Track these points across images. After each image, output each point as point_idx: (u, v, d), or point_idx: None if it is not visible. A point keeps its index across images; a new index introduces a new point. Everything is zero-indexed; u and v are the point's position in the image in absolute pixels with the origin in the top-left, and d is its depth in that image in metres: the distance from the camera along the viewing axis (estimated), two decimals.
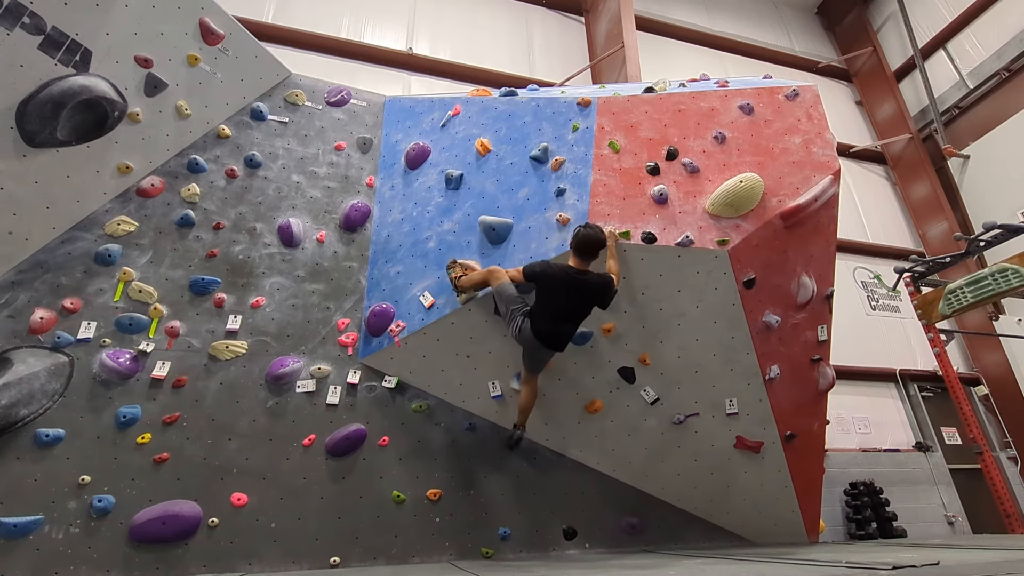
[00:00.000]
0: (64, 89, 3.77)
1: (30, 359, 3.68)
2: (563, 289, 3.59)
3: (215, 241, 4.50)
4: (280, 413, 4.13)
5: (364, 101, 5.55)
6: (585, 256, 3.63)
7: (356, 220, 4.92)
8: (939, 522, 7.04)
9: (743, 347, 4.34)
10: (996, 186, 8.75)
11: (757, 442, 4.52)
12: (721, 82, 5.03)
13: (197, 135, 4.72)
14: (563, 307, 3.63)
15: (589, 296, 3.66)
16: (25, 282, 3.90)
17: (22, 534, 3.36)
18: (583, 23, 9.88)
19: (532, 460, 4.53)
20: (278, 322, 4.40)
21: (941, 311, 6.10)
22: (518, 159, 4.53)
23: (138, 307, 4.10)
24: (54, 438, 3.60)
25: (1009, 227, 5.65)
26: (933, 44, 10.08)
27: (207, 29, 4.62)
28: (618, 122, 4.42)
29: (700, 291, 4.16)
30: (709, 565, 3.21)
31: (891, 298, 8.73)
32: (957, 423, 7.79)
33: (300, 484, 3.96)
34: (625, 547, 4.50)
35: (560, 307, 3.63)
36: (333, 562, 3.83)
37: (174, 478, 3.75)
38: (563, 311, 3.64)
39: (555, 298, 3.61)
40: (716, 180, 4.27)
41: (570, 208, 4.09)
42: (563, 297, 3.60)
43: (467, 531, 4.19)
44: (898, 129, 10.22)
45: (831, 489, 6.52)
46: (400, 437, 4.32)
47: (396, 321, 4.41)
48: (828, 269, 4.77)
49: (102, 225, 4.22)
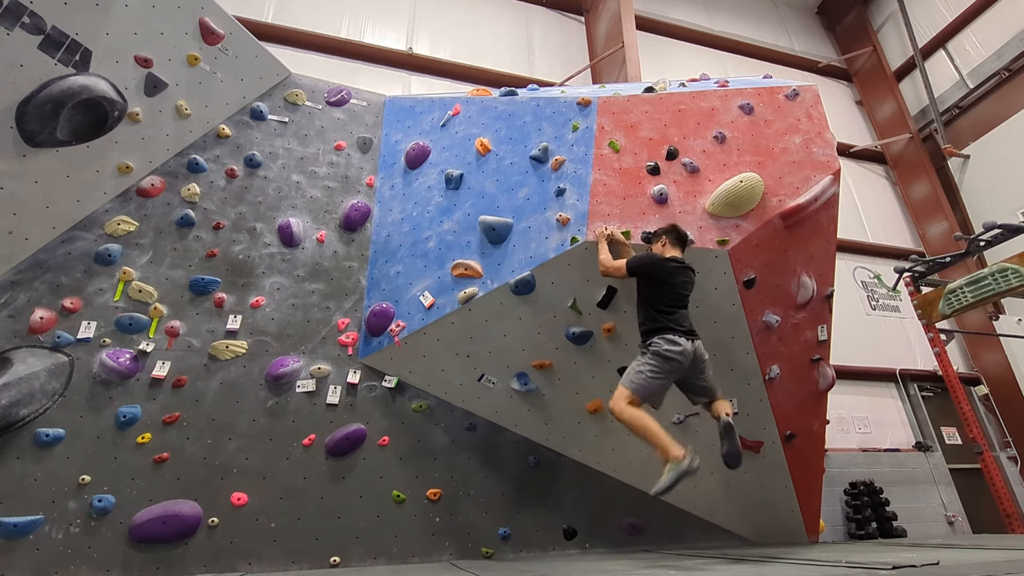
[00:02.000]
0: (64, 89, 3.76)
1: (30, 359, 3.68)
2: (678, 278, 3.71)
3: (215, 241, 4.50)
4: (280, 413, 4.13)
5: (364, 101, 5.55)
6: (683, 246, 3.86)
7: (356, 220, 4.92)
8: (939, 522, 7.04)
9: (743, 347, 4.34)
10: (996, 186, 8.75)
11: (757, 442, 4.52)
12: (721, 82, 5.02)
13: (197, 135, 4.72)
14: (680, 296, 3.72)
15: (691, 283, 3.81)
16: (25, 282, 3.90)
17: (22, 534, 3.36)
18: (583, 23, 9.88)
19: (532, 460, 4.53)
20: (278, 322, 4.40)
21: (941, 311, 6.09)
22: (518, 159, 4.53)
23: (138, 307, 4.10)
24: (54, 438, 3.60)
25: (1009, 227, 5.65)
26: (933, 44, 10.08)
27: (207, 29, 4.62)
28: (618, 122, 4.42)
29: (700, 291, 4.15)
30: (709, 565, 3.21)
31: (891, 298, 8.73)
32: (957, 423, 7.79)
33: (300, 484, 3.97)
34: (625, 547, 4.50)
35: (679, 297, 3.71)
36: (333, 562, 3.83)
37: (174, 478, 3.75)
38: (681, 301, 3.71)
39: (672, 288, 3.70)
40: (716, 180, 4.27)
41: (570, 208, 4.09)
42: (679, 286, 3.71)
43: (467, 531, 4.19)
44: (898, 129, 10.22)
45: (831, 489, 6.52)
46: (400, 437, 4.32)
47: (396, 321, 4.41)
48: (828, 269, 4.76)
49: (102, 225, 4.22)
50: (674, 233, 3.84)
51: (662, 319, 3.53)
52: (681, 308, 3.63)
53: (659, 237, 3.86)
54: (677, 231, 3.85)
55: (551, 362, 4.30)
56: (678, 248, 3.81)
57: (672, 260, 3.70)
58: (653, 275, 3.65)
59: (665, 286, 3.63)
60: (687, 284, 3.71)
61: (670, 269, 3.64)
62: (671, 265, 3.66)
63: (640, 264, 3.67)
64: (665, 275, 3.63)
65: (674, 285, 3.63)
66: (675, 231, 3.85)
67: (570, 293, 4.11)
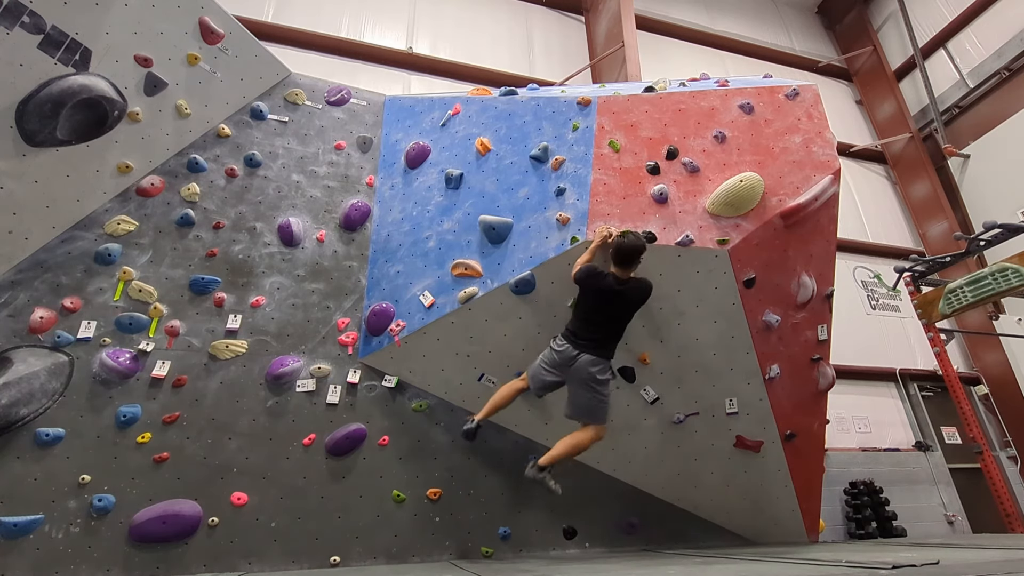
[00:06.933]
0: (64, 88, 3.76)
1: (30, 358, 3.68)
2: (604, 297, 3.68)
3: (215, 240, 4.49)
4: (280, 412, 4.13)
5: (364, 100, 5.55)
6: (626, 264, 3.67)
7: (356, 219, 4.92)
8: (939, 522, 7.04)
9: (743, 346, 4.34)
10: (996, 185, 8.75)
11: (757, 441, 4.52)
12: (721, 81, 5.02)
13: (197, 134, 4.72)
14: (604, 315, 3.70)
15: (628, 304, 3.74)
16: (25, 281, 3.90)
17: (22, 533, 3.36)
18: (583, 22, 9.87)
19: (532, 460, 4.52)
20: (278, 321, 4.40)
21: (941, 311, 6.09)
22: (518, 158, 4.53)
23: (138, 306, 4.10)
24: (54, 437, 3.60)
25: (1009, 226, 5.65)
26: (933, 43, 10.07)
27: (207, 28, 4.62)
28: (618, 121, 4.42)
29: (700, 290, 4.16)
30: (709, 565, 3.21)
31: (891, 297, 8.73)
32: (957, 422, 7.78)
33: (300, 483, 3.97)
34: (625, 547, 4.50)
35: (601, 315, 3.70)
36: (333, 561, 3.83)
37: (174, 477, 3.75)
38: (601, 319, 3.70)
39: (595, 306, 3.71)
40: (716, 179, 4.27)
41: (570, 207, 4.09)
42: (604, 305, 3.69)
43: (467, 531, 4.19)
44: (898, 128, 10.21)
45: (831, 488, 6.51)
46: (400, 436, 4.32)
47: (396, 320, 4.41)
48: (828, 268, 4.76)
49: (102, 224, 4.22)
50: (615, 249, 3.65)
51: (571, 324, 3.76)
52: (593, 325, 3.65)
53: None
54: (619, 244, 3.63)
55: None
56: (619, 264, 3.64)
57: (607, 276, 3.64)
58: (581, 286, 3.72)
59: (586, 300, 3.72)
60: (608, 307, 3.63)
61: (596, 288, 3.64)
62: (600, 285, 3.63)
63: (581, 274, 3.72)
64: (589, 290, 3.68)
65: (595, 302, 3.66)
66: (617, 246, 3.64)
67: (570, 293, 4.10)
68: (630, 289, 3.66)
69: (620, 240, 3.67)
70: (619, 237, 3.71)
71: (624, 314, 3.72)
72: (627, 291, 3.65)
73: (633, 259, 3.64)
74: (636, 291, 3.69)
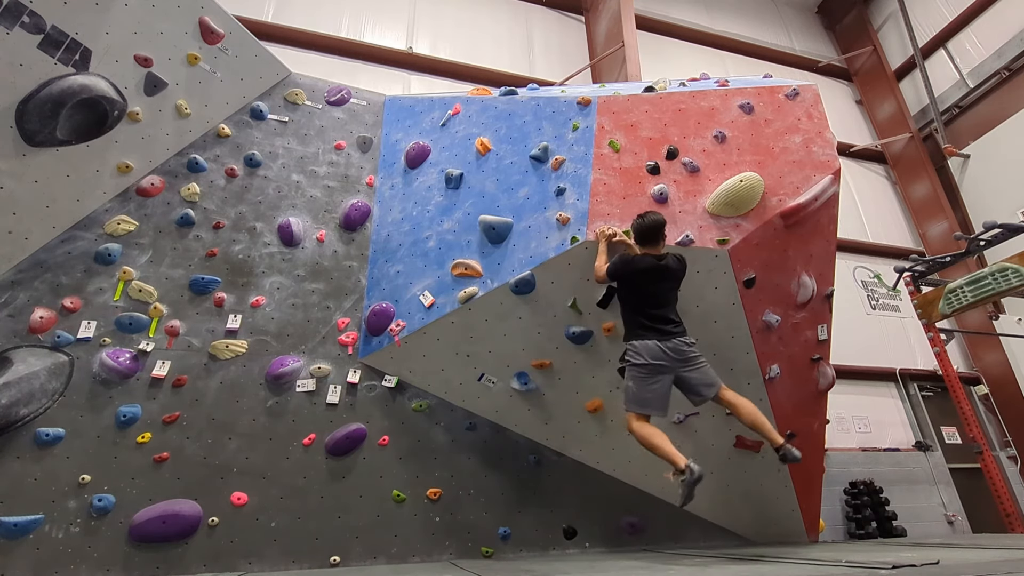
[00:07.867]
0: (64, 88, 3.76)
1: (30, 358, 3.68)
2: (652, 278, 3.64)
3: (215, 240, 4.49)
4: (280, 412, 4.13)
5: (364, 100, 5.55)
6: (654, 241, 3.69)
7: (356, 219, 4.92)
8: (939, 521, 7.04)
9: (743, 346, 4.33)
10: (996, 185, 8.74)
11: (757, 442, 4.52)
12: (721, 81, 5.02)
13: (197, 134, 4.72)
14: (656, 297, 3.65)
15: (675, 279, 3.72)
16: (25, 281, 3.90)
17: (22, 533, 3.36)
18: (583, 22, 9.87)
19: (532, 459, 4.53)
20: (278, 321, 4.40)
21: (941, 310, 6.09)
22: (518, 158, 4.53)
23: (138, 306, 4.10)
24: (54, 437, 3.60)
25: (1009, 226, 5.64)
26: (933, 43, 10.07)
27: (207, 28, 4.62)
28: (618, 121, 4.42)
29: (700, 290, 4.15)
30: (709, 565, 3.21)
31: (891, 297, 8.73)
32: (957, 422, 7.78)
33: (300, 483, 3.97)
34: (625, 547, 4.50)
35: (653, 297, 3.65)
36: (333, 561, 3.83)
37: (174, 477, 3.75)
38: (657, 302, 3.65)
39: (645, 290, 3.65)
40: (716, 179, 4.27)
41: (570, 207, 4.09)
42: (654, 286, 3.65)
43: (467, 531, 4.19)
44: (898, 128, 10.21)
45: (831, 488, 6.51)
46: (400, 436, 4.32)
47: (396, 320, 4.41)
48: (828, 268, 4.76)
49: (102, 224, 4.22)
50: (637, 231, 3.72)
51: (636, 318, 3.64)
52: (654, 307, 3.61)
53: (629, 237, 3.86)
54: (639, 226, 3.70)
55: (551, 362, 4.30)
56: (647, 243, 3.70)
57: (644, 257, 3.67)
58: (620, 276, 3.69)
59: (633, 286, 3.66)
60: (658, 279, 3.63)
61: (639, 268, 3.62)
62: (640, 264, 3.63)
63: (614, 268, 3.70)
64: (632, 274, 3.64)
65: (643, 283, 3.63)
66: (637, 228, 3.72)
67: (570, 292, 4.11)
68: (671, 260, 3.69)
69: (639, 222, 3.72)
70: (636, 220, 3.75)
71: (676, 285, 3.73)
72: (669, 263, 3.68)
73: (659, 233, 3.69)
74: (677, 260, 3.72)
